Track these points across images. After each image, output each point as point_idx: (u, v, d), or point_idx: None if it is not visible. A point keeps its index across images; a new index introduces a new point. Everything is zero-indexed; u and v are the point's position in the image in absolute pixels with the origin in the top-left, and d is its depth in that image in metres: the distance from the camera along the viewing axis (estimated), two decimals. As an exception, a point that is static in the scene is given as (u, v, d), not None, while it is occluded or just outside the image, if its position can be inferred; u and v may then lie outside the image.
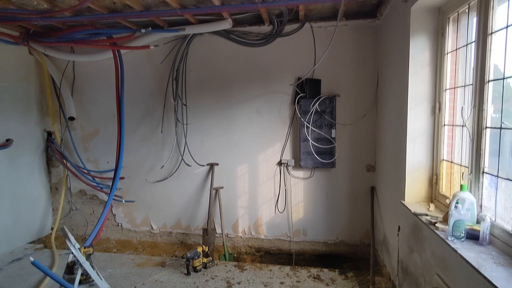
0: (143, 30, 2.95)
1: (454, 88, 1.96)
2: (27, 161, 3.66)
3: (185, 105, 3.42)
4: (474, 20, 1.70)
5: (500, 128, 1.48)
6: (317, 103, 3.10)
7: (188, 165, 3.48)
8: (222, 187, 3.45)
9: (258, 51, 3.22)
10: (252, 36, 3.20)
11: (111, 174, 3.56)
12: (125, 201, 3.69)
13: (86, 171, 3.75)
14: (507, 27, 1.43)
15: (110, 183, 3.66)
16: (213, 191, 3.44)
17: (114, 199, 3.58)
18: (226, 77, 3.34)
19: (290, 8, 2.79)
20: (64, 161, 3.72)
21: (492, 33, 1.52)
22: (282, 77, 3.23)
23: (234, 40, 3.21)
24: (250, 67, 3.28)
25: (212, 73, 3.36)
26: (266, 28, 3.16)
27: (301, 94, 3.15)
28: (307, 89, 3.13)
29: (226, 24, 2.93)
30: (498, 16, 1.52)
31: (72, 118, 3.68)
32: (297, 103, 3.18)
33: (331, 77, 3.15)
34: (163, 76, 3.44)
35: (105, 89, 3.59)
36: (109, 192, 3.56)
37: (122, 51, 3.32)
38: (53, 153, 3.80)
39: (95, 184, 3.71)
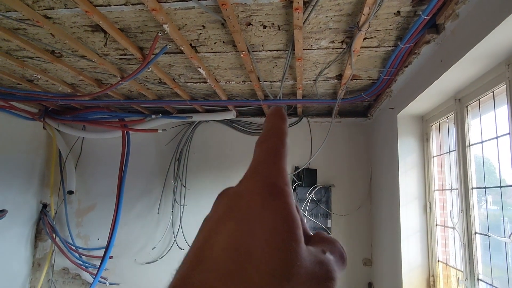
0: (153, 116, 3.20)
1: (442, 190, 2.06)
2: (16, 232, 3.56)
3: (184, 186, 3.49)
4: (453, 131, 1.90)
5: (488, 235, 1.53)
6: (313, 192, 3.19)
7: (181, 248, 3.39)
8: (213, 274, 3.30)
9: (259, 140, 3.43)
10: (254, 126, 3.45)
11: (100, 252, 3.43)
12: (109, 283, 3.47)
13: (74, 248, 3.62)
14: (482, 142, 1.60)
15: (96, 262, 3.51)
16: (204, 278, 3.27)
17: (98, 281, 3.38)
18: (226, 161, 3.49)
19: (289, 105, 3.08)
20: (54, 235, 3.63)
21: (470, 145, 1.69)
22: (280, 165, 3.37)
23: (237, 129, 3.46)
24: (250, 154, 3.42)
25: (213, 156, 3.52)
26: (267, 120, 3.42)
27: (298, 182, 3.25)
28: (304, 178, 3.24)
29: (231, 115, 3.19)
30: (473, 130, 1.72)
31: (71, 192, 3.70)
32: (294, 190, 3.26)
33: (327, 167, 3.30)
34: (167, 157, 3.59)
35: (108, 165, 3.70)
36: (94, 272, 3.38)
37: (131, 132, 3.53)
38: (44, 226, 3.72)
39: (81, 263, 3.54)
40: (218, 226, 0.22)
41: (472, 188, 1.65)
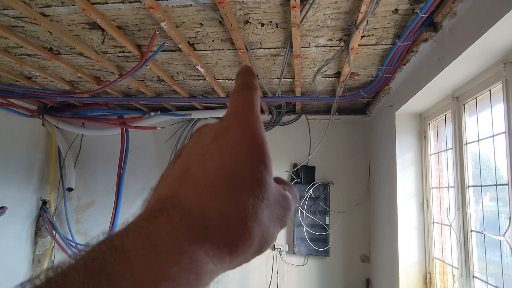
0: (152, 113, 3.20)
1: (440, 187, 2.07)
2: (16, 229, 3.58)
3: (183, 183, 3.50)
4: (450, 129, 1.90)
5: (483, 233, 1.54)
6: (312, 189, 3.20)
7: (179, 244, 3.40)
8: (212, 270, 3.32)
9: (257, 137, 3.44)
10: (252, 123, 3.45)
11: (99, 249, 3.44)
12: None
13: (73, 244, 3.64)
14: (478, 140, 1.61)
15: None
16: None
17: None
18: (225, 159, 3.49)
19: (287, 102, 3.09)
20: (53, 232, 3.64)
21: (466, 143, 1.69)
22: (278, 162, 3.38)
23: (236, 126, 3.46)
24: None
25: (212, 154, 3.52)
26: (265, 117, 3.43)
27: (296, 180, 3.26)
28: (302, 175, 3.25)
29: (229, 112, 3.19)
30: (470, 128, 1.72)
31: (70, 189, 3.71)
32: (292, 187, 3.27)
33: (325, 165, 3.30)
34: (166, 154, 3.60)
35: (107, 162, 3.71)
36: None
37: (130, 129, 3.54)
38: (43, 223, 3.73)
39: (81, 259, 3.56)
40: (205, 153, 0.26)
41: (469, 186, 1.66)
